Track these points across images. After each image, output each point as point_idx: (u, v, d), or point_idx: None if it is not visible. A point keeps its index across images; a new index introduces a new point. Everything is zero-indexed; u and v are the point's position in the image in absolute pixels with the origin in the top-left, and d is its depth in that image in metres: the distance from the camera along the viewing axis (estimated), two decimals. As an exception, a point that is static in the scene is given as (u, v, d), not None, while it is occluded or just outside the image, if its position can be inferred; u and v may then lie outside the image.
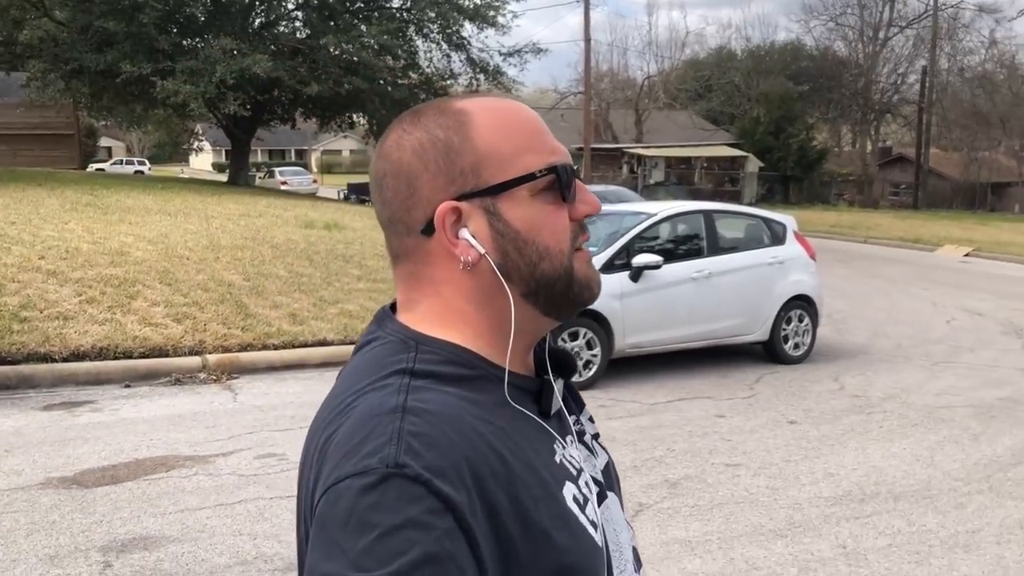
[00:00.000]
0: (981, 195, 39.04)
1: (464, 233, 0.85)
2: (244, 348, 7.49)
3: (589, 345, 7.15)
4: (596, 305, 7.21)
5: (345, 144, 72.43)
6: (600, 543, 0.85)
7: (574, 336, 7.10)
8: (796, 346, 8.29)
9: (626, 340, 7.35)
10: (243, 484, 4.73)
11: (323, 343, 7.93)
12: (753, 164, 38.34)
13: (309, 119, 29.21)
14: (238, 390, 6.73)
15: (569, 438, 0.91)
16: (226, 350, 7.41)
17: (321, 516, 0.73)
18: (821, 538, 4.23)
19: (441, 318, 0.87)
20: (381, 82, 24.37)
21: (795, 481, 5.02)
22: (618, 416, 6.32)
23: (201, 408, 6.20)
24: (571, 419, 0.95)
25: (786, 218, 8.82)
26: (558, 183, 0.87)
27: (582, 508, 0.84)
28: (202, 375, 6.99)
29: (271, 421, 5.90)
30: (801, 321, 8.31)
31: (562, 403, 0.92)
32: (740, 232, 8.72)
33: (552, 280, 0.87)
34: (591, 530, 0.84)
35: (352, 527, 0.70)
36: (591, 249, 1.00)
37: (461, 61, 27.22)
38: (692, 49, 55.22)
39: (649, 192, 30.17)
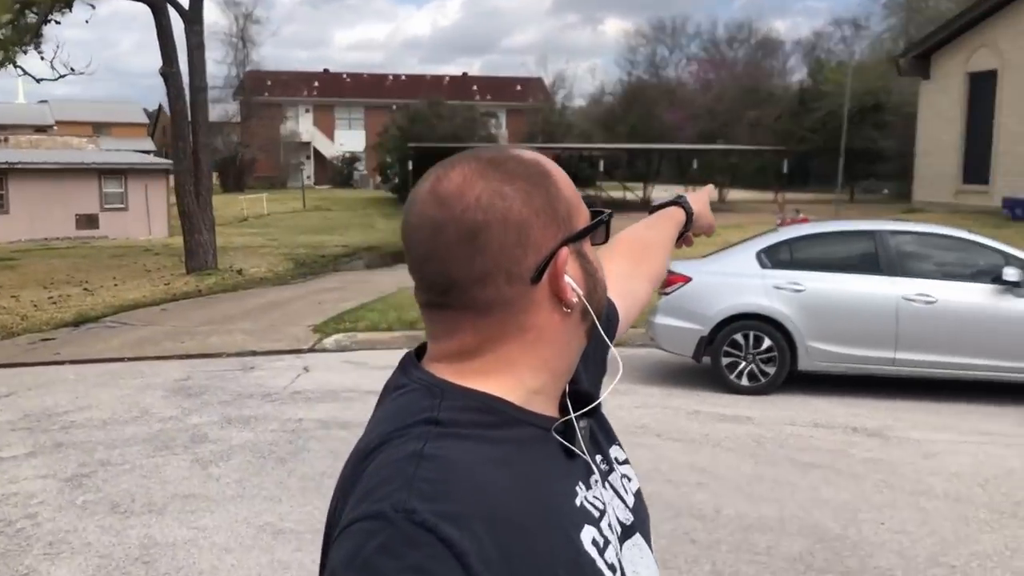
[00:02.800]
0: None
1: (565, 277, 0.87)
2: None
3: None
4: None
5: None
6: None
7: None
8: None
9: None
10: None
11: None
12: None
13: None
14: None
15: (593, 479, 0.92)
16: None
17: (332, 557, 0.75)
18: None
19: (506, 365, 0.87)
20: None
21: None
22: None
23: None
24: (599, 458, 0.96)
25: None
26: (608, 225, 0.96)
27: (601, 552, 0.85)
28: None
29: None
30: None
31: (588, 442, 0.93)
32: None
33: (601, 310, 0.93)
34: (608, 574, 0.85)
35: (357, 569, 0.71)
36: None
37: None
38: None
39: None
